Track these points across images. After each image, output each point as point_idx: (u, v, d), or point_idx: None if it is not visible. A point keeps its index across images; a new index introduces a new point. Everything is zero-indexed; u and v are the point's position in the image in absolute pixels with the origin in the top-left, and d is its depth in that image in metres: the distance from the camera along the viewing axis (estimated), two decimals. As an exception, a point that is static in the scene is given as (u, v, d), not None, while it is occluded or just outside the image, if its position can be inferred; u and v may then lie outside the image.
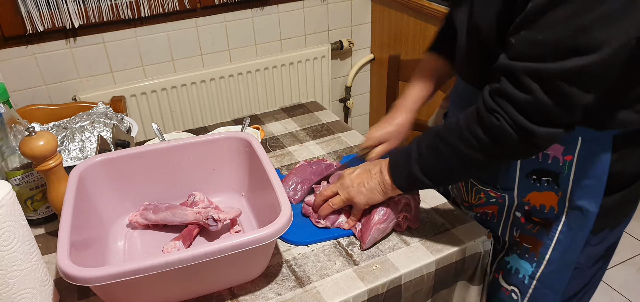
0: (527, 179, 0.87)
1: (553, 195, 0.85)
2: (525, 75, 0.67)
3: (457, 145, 0.76)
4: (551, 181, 0.84)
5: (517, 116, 0.69)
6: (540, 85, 0.65)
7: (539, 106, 0.67)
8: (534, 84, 0.66)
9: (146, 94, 1.95)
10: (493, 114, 0.71)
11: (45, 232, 1.00)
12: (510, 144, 0.71)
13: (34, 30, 1.69)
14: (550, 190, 0.85)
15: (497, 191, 0.92)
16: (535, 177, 0.85)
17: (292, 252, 0.91)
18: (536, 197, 0.87)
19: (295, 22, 2.17)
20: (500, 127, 0.70)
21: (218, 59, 2.08)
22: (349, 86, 2.45)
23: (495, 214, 0.96)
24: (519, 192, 0.89)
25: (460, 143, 0.75)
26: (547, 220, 0.87)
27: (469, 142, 0.74)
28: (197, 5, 1.93)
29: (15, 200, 0.72)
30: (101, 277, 0.67)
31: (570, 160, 0.81)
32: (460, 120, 0.76)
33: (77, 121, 1.15)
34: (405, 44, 2.12)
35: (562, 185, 0.83)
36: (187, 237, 0.90)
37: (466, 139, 0.74)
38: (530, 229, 0.90)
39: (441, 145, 0.78)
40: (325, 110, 1.46)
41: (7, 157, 0.94)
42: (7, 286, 0.71)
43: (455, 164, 0.78)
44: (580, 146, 0.79)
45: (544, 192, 0.86)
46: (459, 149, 0.76)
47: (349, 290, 0.82)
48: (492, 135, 0.72)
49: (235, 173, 1.03)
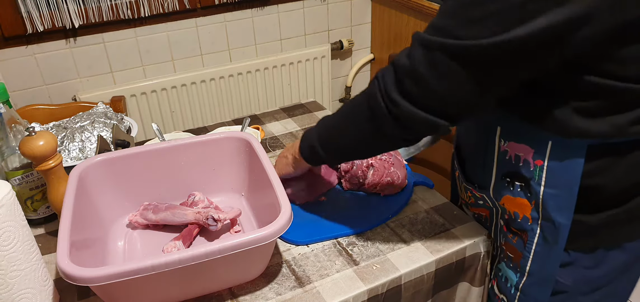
0: (502, 181, 0.83)
1: (526, 203, 0.80)
2: (416, 40, 0.66)
3: (349, 114, 0.76)
4: (524, 187, 0.80)
5: (389, 82, 0.68)
6: (423, 52, 0.64)
7: (412, 74, 0.65)
8: (417, 50, 0.65)
9: (146, 94, 1.95)
10: (375, 79, 0.70)
11: (45, 232, 1.00)
12: (378, 113, 0.70)
13: (34, 30, 1.69)
14: (523, 197, 0.80)
15: (476, 189, 0.91)
16: (508, 179, 0.82)
17: (292, 252, 0.91)
18: (510, 202, 0.83)
19: (295, 22, 2.17)
20: (373, 91, 0.70)
21: (218, 59, 2.08)
22: (349, 86, 2.45)
23: (488, 218, 0.95)
24: (494, 194, 0.87)
25: (351, 112, 0.76)
26: (523, 231, 0.83)
27: (357, 110, 0.75)
28: (197, 5, 1.93)
29: (15, 200, 0.72)
30: (101, 277, 0.67)
31: (540, 165, 0.76)
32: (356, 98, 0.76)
33: (77, 121, 1.15)
34: (405, 44, 2.12)
35: (533, 192, 0.78)
36: (187, 237, 0.90)
37: (355, 107, 0.75)
38: (511, 238, 0.87)
39: (338, 114, 0.79)
40: (325, 110, 1.46)
41: (7, 157, 0.94)
42: (7, 286, 0.71)
43: (344, 135, 0.79)
44: (550, 151, 0.74)
45: (517, 198, 0.81)
46: (350, 118, 0.76)
47: (349, 290, 0.82)
48: (368, 101, 0.72)
49: (235, 173, 1.03)
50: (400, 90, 0.67)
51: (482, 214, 0.95)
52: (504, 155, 0.81)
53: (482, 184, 0.89)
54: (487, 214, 0.94)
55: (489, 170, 0.85)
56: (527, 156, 0.77)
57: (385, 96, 0.69)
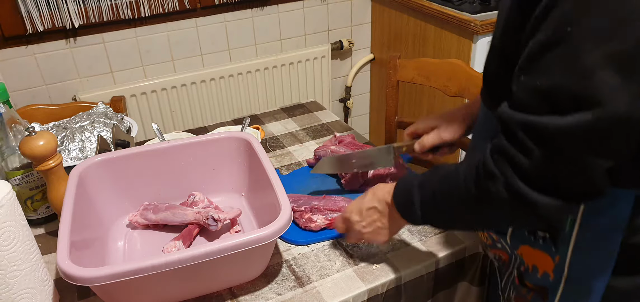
0: (521, 228, 0.72)
1: (549, 259, 0.68)
2: (521, 130, 0.54)
3: (457, 200, 0.66)
4: (548, 239, 0.67)
5: (514, 181, 0.56)
6: (537, 144, 0.53)
7: (540, 171, 0.54)
8: (530, 142, 0.54)
9: (146, 94, 1.95)
10: (490, 179, 0.59)
11: (45, 232, 0.99)
12: (504, 212, 0.60)
13: (34, 30, 1.69)
14: (545, 251, 0.68)
15: (494, 231, 0.79)
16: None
17: (292, 252, 0.91)
18: (529, 254, 0.72)
19: (295, 22, 2.17)
20: (496, 192, 0.58)
21: (218, 59, 2.08)
22: (349, 86, 2.45)
23: (506, 263, 0.80)
24: (511, 241, 0.74)
25: (459, 200, 0.66)
26: (541, 287, 0.71)
27: (466, 200, 0.64)
28: (197, 5, 1.93)
29: (15, 200, 0.72)
30: (101, 277, 0.67)
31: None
32: (460, 174, 0.65)
33: (77, 121, 1.15)
34: (405, 44, 2.12)
35: (560, 247, 0.66)
36: (187, 237, 0.90)
37: (463, 196, 0.64)
38: (525, 293, 0.75)
39: (441, 196, 0.69)
40: (325, 110, 1.46)
41: (7, 157, 0.94)
42: (7, 286, 0.71)
43: (455, 217, 0.70)
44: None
45: (537, 250, 0.70)
46: (458, 205, 0.66)
47: (349, 290, 0.82)
48: (487, 199, 0.60)
49: (235, 173, 1.03)
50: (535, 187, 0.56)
51: (502, 256, 0.81)
52: None
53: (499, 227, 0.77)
54: (506, 259, 0.80)
55: None
56: None
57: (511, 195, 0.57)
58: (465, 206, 0.66)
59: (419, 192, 0.72)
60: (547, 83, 0.51)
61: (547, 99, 0.52)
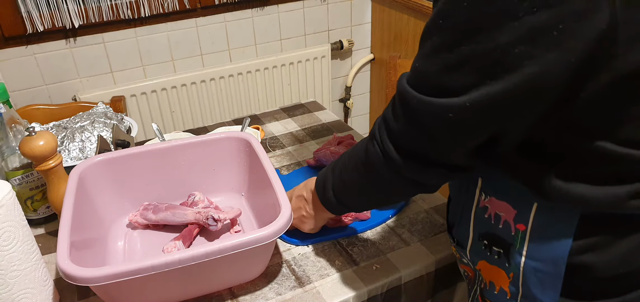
0: (479, 243, 0.71)
1: (504, 275, 0.68)
2: (398, 97, 0.60)
3: (354, 167, 0.72)
4: (502, 255, 0.67)
5: (385, 140, 0.63)
6: (404, 111, 0.59)
7: (404, 135, 0.61)
8: (400, 108, 0.60)
9: (146, 94, 1.95)
10: (371, 141, 0.66)
11: (45, 232, 1.00)
12: (381, 172, 0.66)
13: (34, 30, 1.69)
14: (500, 266, 0.68)
15: (455, 245, 0.78)
16: (486, 242, 0.70)
17: (292, 252, 0.91)
18: (487, 270, 0.71)
19: (295, 22, 2.17)
20: (374, 152, 0.65)
21: (218, 59, 2.08)
22: (349, 86, 2.45)
23: (472, 280, 0.80)
24: (471, 256, 0.74)
25: (355, 166, 0.72)
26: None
27: (360, 168, 0.71)
28: (197, 5, 1.93)
29: (15, 200, 0.72)
30: (101, 277, 0.67)
31: (523, 231, 0.63)
32: (359, 145, 0.72)
33: (77, 121, 1.15)
34: (405, 44, 2.12)
35: (513, 263, 0.66)
36: (187, 237, 0.90)
37: (356, 162, 0.71)
38: None
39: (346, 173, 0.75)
40: (325, 110, 1.46)
41: (7, 157, 0.94)
42: (7, 286, 0.71)
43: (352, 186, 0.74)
44: (535, 215, 0.62)
45: (494, 267, 0.69)
46: (355, 171, 0.72)
47: (349, 290, 0.82)
48: (368, 160, 0.67)
49: (235, 173, 1.03)
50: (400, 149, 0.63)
51: (468, 273, 0.80)
52: (483, 212, 0.69)
53: (460, 241, 0.76)
54: (472, 275, 0.79)
55: (466, 226, 0.73)
56: (508, 218, 0.65)
57: (383, 154, 0.65)
58: (360, 175, 0.71)
59: (331, 174, 0.78)
60: (419, 64, 0.57)
61: (417, 78, 0.57)
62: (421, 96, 0.56)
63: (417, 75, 0.57)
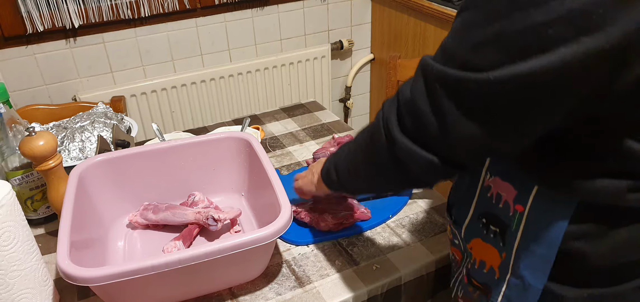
0: (478, 221, 0.72)
1: (496, 254, 0.69)
2: (419, 67, 0.58)
3: (359, 144, 0.71)
4: (498, 234, 0.68)
5: (390, 116, 0.61)
6: (423, 83, 0.56)
7: (412, 110, 0.58)
8: (419, 80, 0.57)
9: (146, 94, 1.95)
10: (378, 120, 0.64)
11: (45, 232, 1.00)
12: (380, 149, 0.64)
13: (34, 30, 1.69)
14: (495, 245, 0.69)
15: (452, 223, 0.78)
16: (485, 220, 0.70)
17: (292, 252, 0.91)
18: (479, 247, 0.72)
19: (295, 22, 2.17)
20: (376, 125, 0.64)
21: (218, 59, 2.08)
22: (349, 86, 2.45)
23: (458, 263, 0.80)
24: (465, 234, 0.75)
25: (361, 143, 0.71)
26: (486, 286, 0.71)
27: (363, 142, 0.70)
28: (197, 5, 1.93)
29: (15, 200, 0.72)
30: (101, 277, 0.67)
31: (521, 212, 0.64)
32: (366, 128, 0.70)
33: (77, 121, 1.15)
34: (405, 44, 2.12)
35: (508, 244, 0.66)
36: (187, 237, 0.90)
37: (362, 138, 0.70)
38: (471, 292, 0.75)
39: (352, 142, 0.74)
40: (325, 110, 1.46)
41: (7, 157, 0.94)
42: (7, 286, 0.71)
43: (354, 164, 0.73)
44: (534, 198, 0.62)
45: (487, 245, 0.70)
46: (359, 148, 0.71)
47: (349, 290, 0.82)
48: (371, 135, 0.66)
49: (235, 173, 1.03)
50: (401, 127, 0.61)
51: (456, 256, 0.81)
52: (487, 191, 0.70)
53: (458, 218, 0.76)
54: (459, 258, 0.80)
55: (467, 203, 0.74)
56: (509, 198, 0.66)
57: (388, 133, 0.62)
58: (364, 154, 0.70)
59: (334, 156, 0.80)
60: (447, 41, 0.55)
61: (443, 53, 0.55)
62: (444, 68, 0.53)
63: (444, 50, 0.55)
